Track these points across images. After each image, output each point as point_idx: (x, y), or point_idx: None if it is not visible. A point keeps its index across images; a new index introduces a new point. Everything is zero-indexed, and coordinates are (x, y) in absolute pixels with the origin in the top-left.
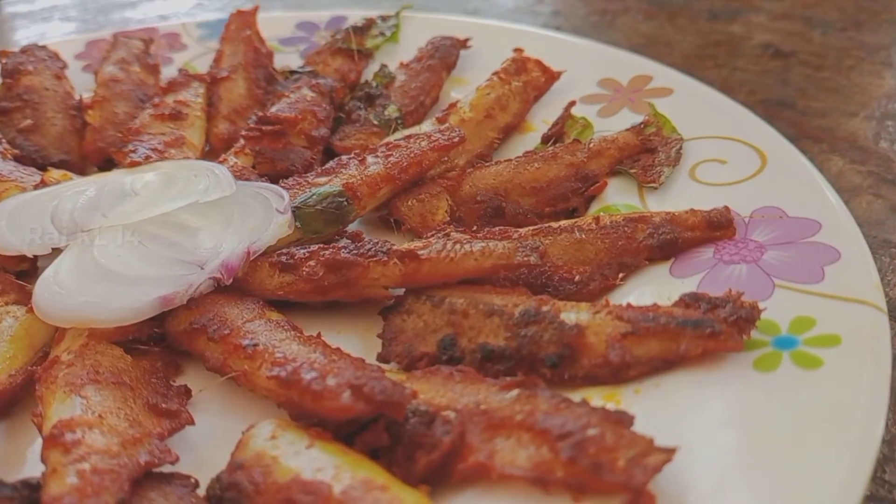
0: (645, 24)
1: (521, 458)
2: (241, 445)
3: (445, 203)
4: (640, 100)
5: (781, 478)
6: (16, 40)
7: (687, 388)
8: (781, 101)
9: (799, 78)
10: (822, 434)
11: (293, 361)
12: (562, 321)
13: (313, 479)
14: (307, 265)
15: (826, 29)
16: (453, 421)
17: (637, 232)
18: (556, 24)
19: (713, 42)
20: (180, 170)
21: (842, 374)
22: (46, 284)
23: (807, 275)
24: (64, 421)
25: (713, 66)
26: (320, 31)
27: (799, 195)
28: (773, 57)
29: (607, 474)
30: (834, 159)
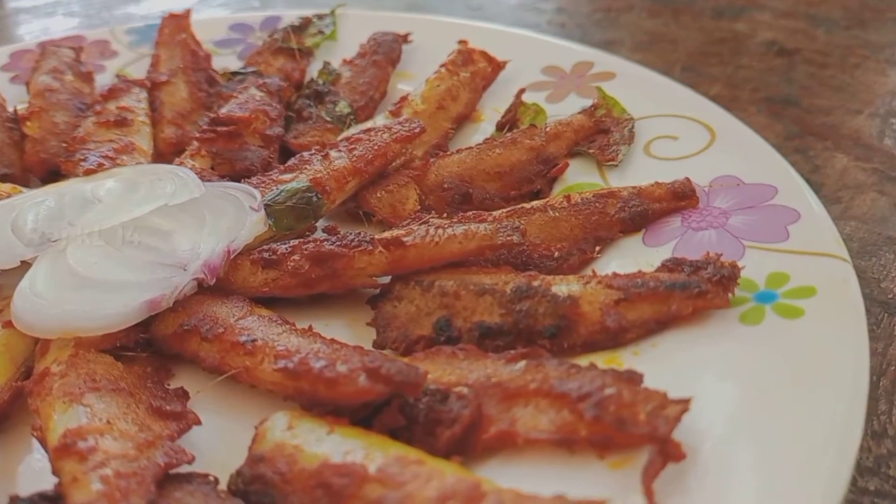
0: (649, 22)
1: (543, 423)
2: (258, 439)
3: (414, 192)
4: (586, 85)
5: (787, 418)
6: (19, 35)
7: (682, 346)
8: (786, 98)
9: (803, 76)
10: (816, 375)
11: (298, 353)
12: (554, 294)
13: (343, 461)
14: (291, 260)
15: (830, 27)
16: (468, 395)
17: (608, 206)
18: (559, 22)
19: (717, 39)
20: (141, 175)
21: (823, 320)
22: (25, 296)
23: (772, 235)
24: (72, 430)
25: (717, 63)
26: (255, 33)
27: (752, 163)
28: (777, 54)
29: (632, 428)
30: (838, 156)
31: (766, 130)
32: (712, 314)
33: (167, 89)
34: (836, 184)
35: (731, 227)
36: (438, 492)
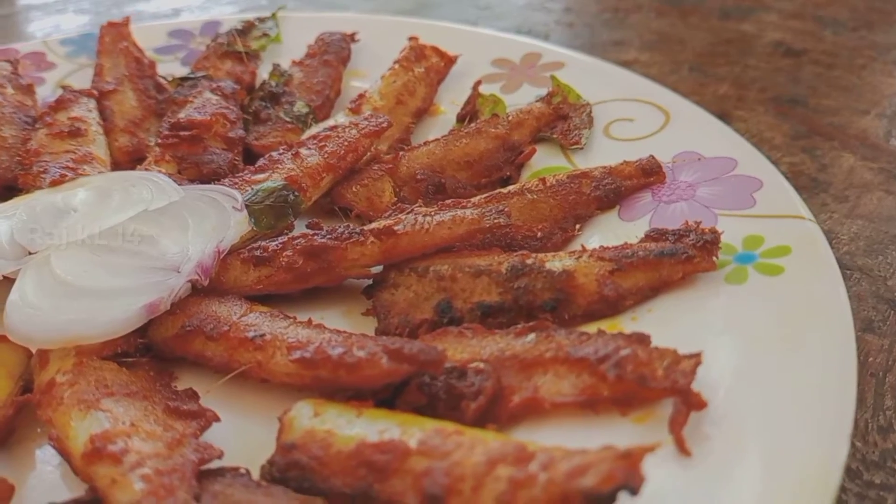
0: (657, 22)
1: (565, 388)
2: (285, 428)
3: (389, 185)
4: (538, 74)
5: (787, 363)
6: (30, 32)
7: (677, 309)
8: (793, 98)
9: (810, 76)
10: (806, 322)
11: (311, 343)
12: (549, 270)
13: (381, 440)
14: (284, 255)
15: (838, 28)
16: (486, 369)
17: (583, 186)
18: (567, 21)
19: (725, 40)
20: (112, 182)
21: (803, 275)
22: (18, 308)
23: (740, 202)
24: (98, 435)
25: (725, 63)
26: (196, 38)
27: (709, 139)
28: (784, 55)
29: (653, 383)
30: (845, 156)
31: (774, 130)
32: (700, 278)
33: (115, 98)
34: (843, 183)
35: (699, 198)
36: (486, 456)
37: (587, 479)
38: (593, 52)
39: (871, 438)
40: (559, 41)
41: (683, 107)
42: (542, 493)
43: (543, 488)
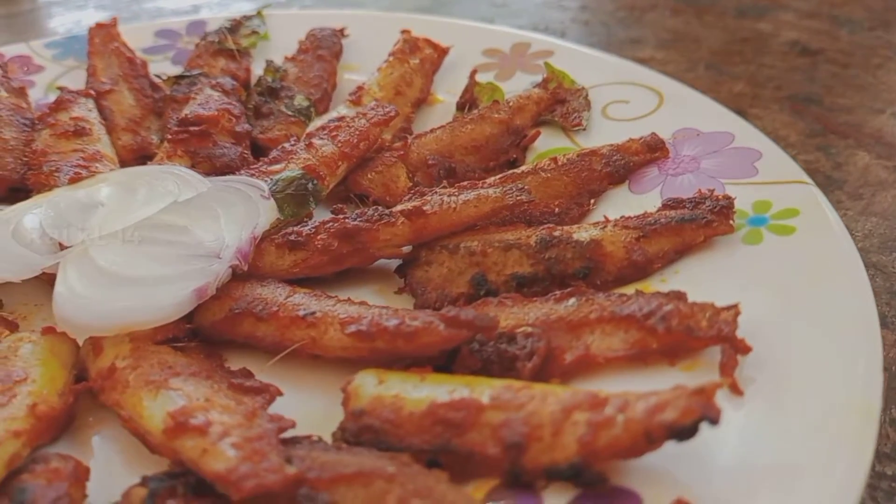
0: (672, 20)
1: (615, 343)
2: (351, 397)
3: (403, 171)
4: (530, 63)
5: (814, 311)
6: (52, 28)
7: (702, 269)
8: (808, 97)
9: (826, 75)
10: (825, 274)
11: (363, 317)
12: (577, 240)
13: (452, 399)
14: (318, 239)
15: (853, 28)
16: (535, 332)
17: (593, 163)
18: (583, 19)
19: (740, 39)
20: (133, 178)
21: (813, 233)
22: (68, 300)
23: (743, 171)
24: (177, 411)
25: (740, 62)
26: (183, 38)
27: (704, 116)
28: (800, 54)
29: (700, 333)
30: (860, 154)
31: (789, 128)
32: (718, 241)
33: (113, 98)
34: (858, 181)
35: (704, 170)
36: (560, 405)
37: (667, 414)
38: (609, 50)
39: (884, 431)
40: (575, 39)
41: (675, 88)
42: (624, 432)
43: (624, 427)
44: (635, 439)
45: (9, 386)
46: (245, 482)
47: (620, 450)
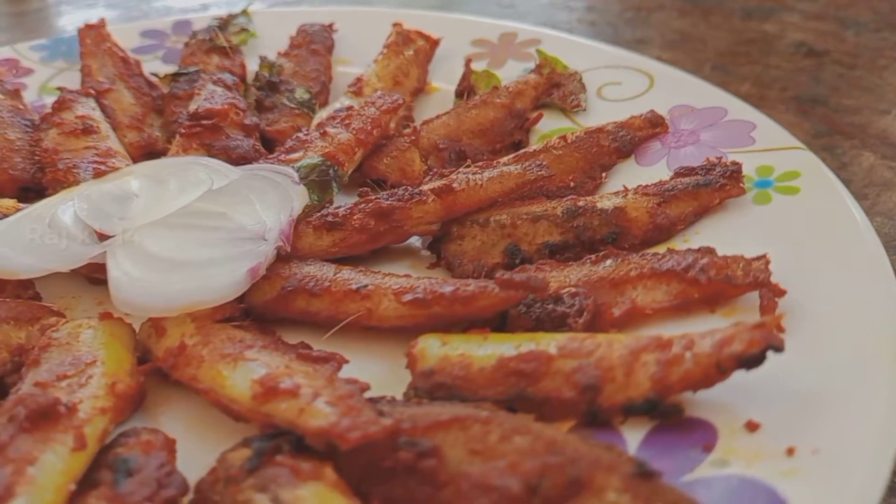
0: (679, 21)
1: (659, 296)
2: (418, 359)
3: (417, 155)
4: (520, 51)
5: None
6: (61, 26)
7: (720, 229)
8: (814, 97)
9: (832, 76)
10: (835, 228)
11: (415, 287)
12: (601, 208)
13: (520, 352)
14: (355, 219)
15: (859, 29)
16: (580, 291)
17: (601, 139)
18: (590, 20)
19: (746, 40)
20: (159, 170)
21: (816, 191)
22: (127, 284)
23: (741, 141)
24: (263, 378)
25: (746, 62)
26: (170, 37)
27: (695, 94)
28: (806, 55)
29: (738, 281)
30: (865, 154)
31: (794, 128)
32: (731, 203)
33: (112, 97)
34: (863, 181)
35: (704, 141)
36: (627, 349)
37: (735, 346)
38: None
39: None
40: None
41: (664, 69)
42: (695, 367)
43: (695, 362)
44: (707, 371)
45: (81, 369)
46: (350, 433)
47: (693, 382)
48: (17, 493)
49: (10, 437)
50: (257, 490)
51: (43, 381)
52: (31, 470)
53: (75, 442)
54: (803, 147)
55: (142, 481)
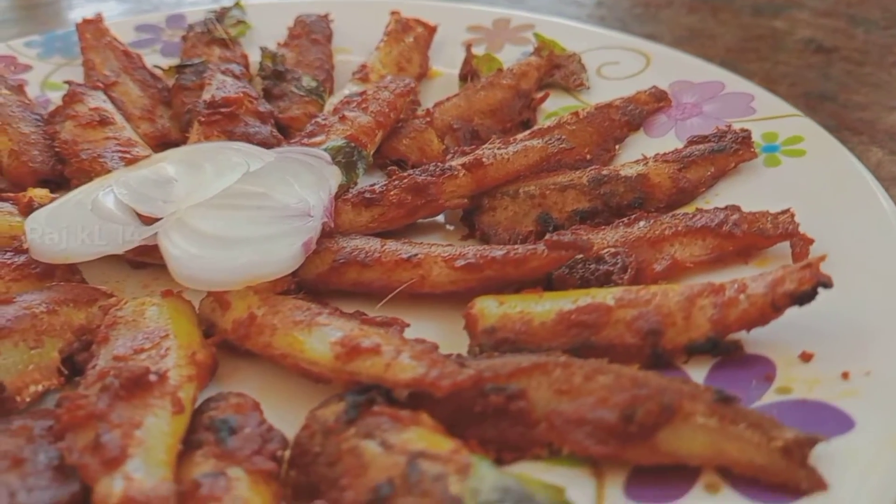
0: (688, 18)
1: (697, 251)
2: (477, 318)
3: (434, 135)
4: (516, 35)
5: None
6: (72, 19)
7: (737, 190)
8: (823, 94)
9: (841, 73)
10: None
11: (464, 254)
12: (625, 176)
13: (578, 306)
14: (392, 195)
15: (869, 27)
16: (621, 250)
17: (611, 114)
18: (599, 15)
19: (756, 36)
20: (191, 155)
21: (823, 153)
22: (189, 260)
23: (742, 111)
24: (343, 338)
25: (755, 59)
26: (166, 31)
27: (693, 70)
28: (815, 52)
29: (770, 233)
30: (873, 150)
31: None
32: (743, 167)
33: (119, 89)
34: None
35: (707, 113)
36: (682, 296)
37: (788, 285)
38: None
39: None
40: None
41: (658, 48)
42: (751, 307)
43: (750, 302)
44: (763, 310)
45: (156, 342)
46: (442, 382)
47: (750, 321)
48: (131, 454)
49: (109, 406)
50: (363, 437)
51: (121, 355)
52: (139, 433)
53: (174, 406)
54: (801, 114)
55: (246, 437)
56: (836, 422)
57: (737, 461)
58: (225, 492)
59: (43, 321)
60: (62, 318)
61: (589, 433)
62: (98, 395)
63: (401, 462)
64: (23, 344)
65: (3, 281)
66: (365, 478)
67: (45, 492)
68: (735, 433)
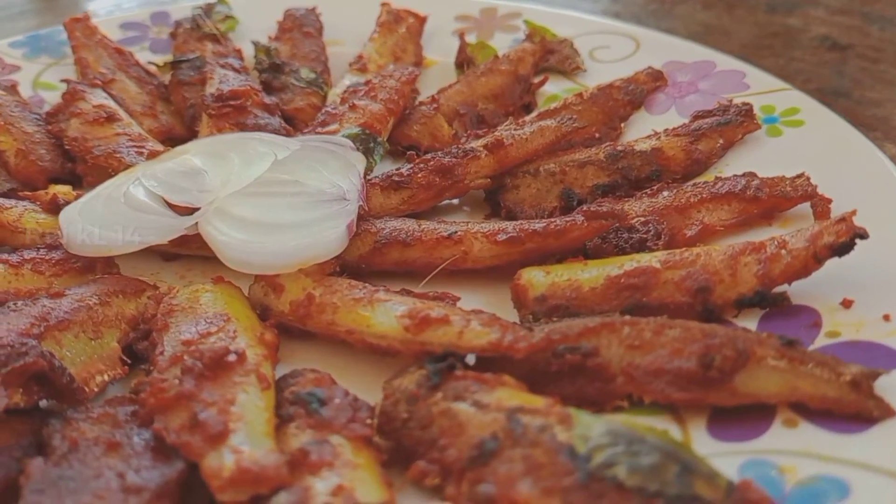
0: (703, 14)
1: (724, 215)
2: (526, 288)
3: (443, 120)
4: (505, 23)
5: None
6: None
7: (745, 160)
8: (837, 90)
9: (855, 70)
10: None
11: (506, 227)
12: (640, 150)
13: (625, 270)
14: (419, 177)
15: (884, 24)
16: (651, 219)
17: (614, 94)
18: (614, 11)
19: (770, 33)
20: (215, 147)
21: (818, 121)
22: (237, 246)
23: (736, 87)
24: (410, 311)
25: (770, 55)
26: (152, 28)
27: (683, 51)
28: (829, 49)
29: (791, 195)
30: (887, 146)
31: None
32: (748, 139)
33: (117, 87)
34: None
35: (703, 90)
36: (725, 255)
37: (827, 238)
38: None
39: None
40: None
41: (646, 32)
42: (794, 260)
43: (793, 256)
44: (806, 262)
45: (221, 326)
46: (519, 344)
47: (793, 273)
48: (233, 429)
49: (196, 387)
50: (452, 400)
51: (189, 340)
52: (235, 409)
53: (261, 382)
54: (792, 87)
55: (338, 407)
56: (887, 357)
57: (811, 396)
58: (334, 457)
59: (98, 312)
60: (115, 310)
61: (670, 382)
62: (181, 378)
63: (500, 418)
64: (83, 335)
65: (45, 276)
66: (465, 436)
67: (152, 471)
68: (805, 372)
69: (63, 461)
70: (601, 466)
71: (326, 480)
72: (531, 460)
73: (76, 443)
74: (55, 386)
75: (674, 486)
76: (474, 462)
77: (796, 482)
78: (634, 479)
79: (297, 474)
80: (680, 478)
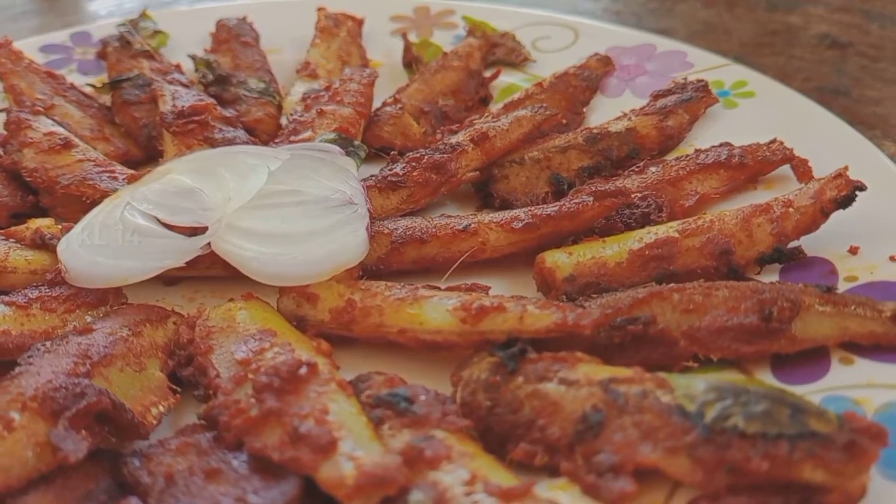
0: (703, 12)
1: (714, 183)
2: (552, 271)
3: (411, 119)
4: (442, 20)
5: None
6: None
7: (711, 131)
8: (836, 88)
9: (855, 68)
10: (800, 114)
11: (519, 215)
12: (615, 132)
13: (645, 244)
14: (415, 175)
15: (885, 22)
16: (647, 194)
17: (571, 80)
18: (615, 10)
19: (770, 31)
20: (199, 163)
21: (769, 90)
22: (265, 260)
23: (681, 66)
24: (464, 304)
25: (770, 53)
26: (75, 49)
27: (622, 38)
28: (829, 47)
29: (771, 159)
30: (886, 144)
31: None
32: (709, 112)
33: (58, 112)
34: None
35: (652, 72)
36: (737, 219)
37: (829, 193)
38: None
39: None
40: None
41: (581, 21)
42: (802, 216)
43: (801, 213)
44: (814, 217)
45: (272, 341)
46: (583, 321)
47: (804, 228)
48: (339, 437)
49: (279, 402)
50: (537, 381)
51: (246, 359)
52: (331, 418)
53: (343, 389)
54: (732, 62)
55: (428, 403)
56: None
57: (861, 334)
58: (448, 450)
59: (134, 343)
60: (147, 339)
61: (734, 337)
62: (256, 396)
63: (596, 391)
64: (128, 368)
65: (57, 314)
66: (563, 413)
67: (271, 490)
68: (850, 313)
69: (167, 497)
70: (717, 419)
71: (453, 473)
72: (644, 425)
73: (172, 476)
74: (117, 423)
75: (791, 426)
76: (582, 436)
77: (874, 410)
78: (754, 426)
79: (415, 472)
80: (794, 418)
